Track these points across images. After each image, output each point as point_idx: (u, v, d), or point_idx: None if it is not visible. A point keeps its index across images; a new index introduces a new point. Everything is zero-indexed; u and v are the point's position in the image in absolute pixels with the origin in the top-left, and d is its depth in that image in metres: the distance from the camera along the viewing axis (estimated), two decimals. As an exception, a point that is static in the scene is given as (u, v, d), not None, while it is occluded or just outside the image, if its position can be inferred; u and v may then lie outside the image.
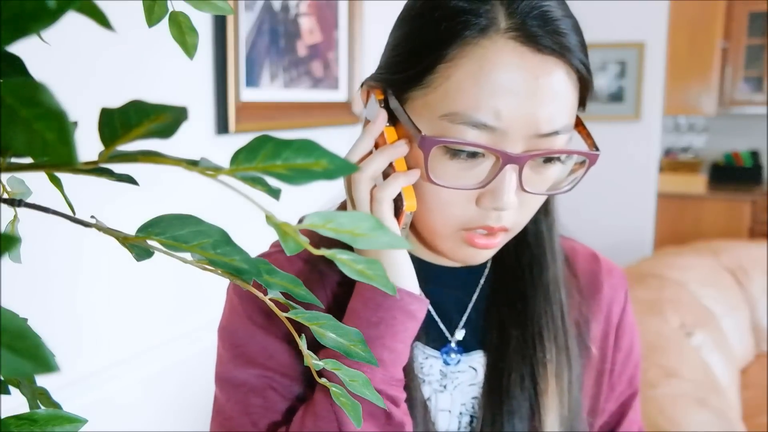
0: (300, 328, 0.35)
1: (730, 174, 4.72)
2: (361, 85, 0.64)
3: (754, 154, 4.79)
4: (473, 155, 0.55)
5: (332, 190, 0.67)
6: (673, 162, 4.89)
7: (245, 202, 0.26)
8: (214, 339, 0.69)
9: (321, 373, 0.47)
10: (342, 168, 0.23)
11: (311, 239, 0.26)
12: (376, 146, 0.61)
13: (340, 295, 0.65)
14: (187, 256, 0.30)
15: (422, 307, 0.60)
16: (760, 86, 4.62)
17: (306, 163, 0.23)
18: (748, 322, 2.67)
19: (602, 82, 3.22)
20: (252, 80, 1.50)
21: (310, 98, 1.71)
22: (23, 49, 0.25)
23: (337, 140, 1.82)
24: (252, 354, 0.64)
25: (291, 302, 0.35)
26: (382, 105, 0.60)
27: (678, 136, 5.11)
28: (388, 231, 0.26)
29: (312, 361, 0.37)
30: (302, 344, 0.36)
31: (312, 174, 0.23)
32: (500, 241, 0.60)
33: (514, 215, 0.59)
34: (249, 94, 1.49)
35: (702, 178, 4.57)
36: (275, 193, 0.25)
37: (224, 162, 0.24)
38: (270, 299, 0.34)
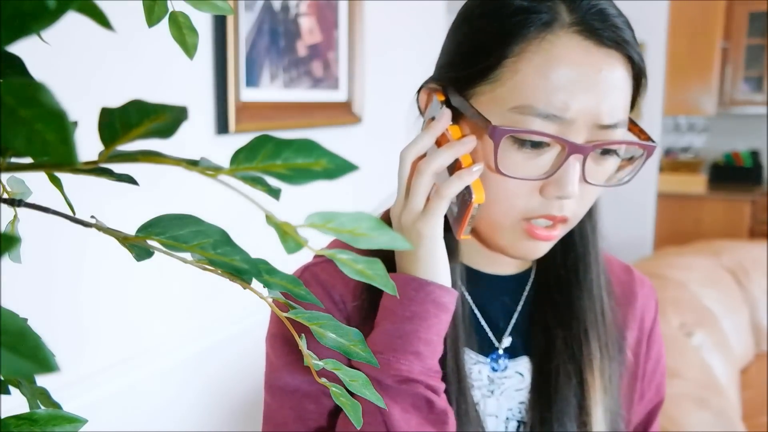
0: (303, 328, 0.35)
1: (730, 174, 4.72)
2: (419, 90, 0.65)
3: (754, 154, 4.78)
4: (538, 145, 0.57)
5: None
6: (673, 162, 4.89)
7: (245, 202, 0.26)
8: (215, 338, 0.69)
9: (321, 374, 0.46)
10: (342, 168, 0.23)
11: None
12: (437, 145, 0.62)
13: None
14: (187, 256, 0.30)
15: (453, 298, 0.61)
16: (760, 86, 4.62)
17: (306, 162, 0.23)
18: (748, 322, 2.67)
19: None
20: (252, 80, 1.50)
21: (310, 98, 1.71)
22: (23, 49, 0.25)
23: (337, 140, 1.82)
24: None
25: (291, 302, 0.35)
26: (444, 106, 0.61)
27: (678, 136, 5.11)
28: (388, 230, 0.26)
29: (312, 361, 0.37)
30: (302, 344, 0.36)
31: (312, 174, 0.23)
32: (558, 233, 0.61)
33: (574, 205, 0.60)
34: (249, 94, 1.48)
35: (702, 178, 4.56)
36: (275, 193, 0.25)
37: (224, 162, 0.24)
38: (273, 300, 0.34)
